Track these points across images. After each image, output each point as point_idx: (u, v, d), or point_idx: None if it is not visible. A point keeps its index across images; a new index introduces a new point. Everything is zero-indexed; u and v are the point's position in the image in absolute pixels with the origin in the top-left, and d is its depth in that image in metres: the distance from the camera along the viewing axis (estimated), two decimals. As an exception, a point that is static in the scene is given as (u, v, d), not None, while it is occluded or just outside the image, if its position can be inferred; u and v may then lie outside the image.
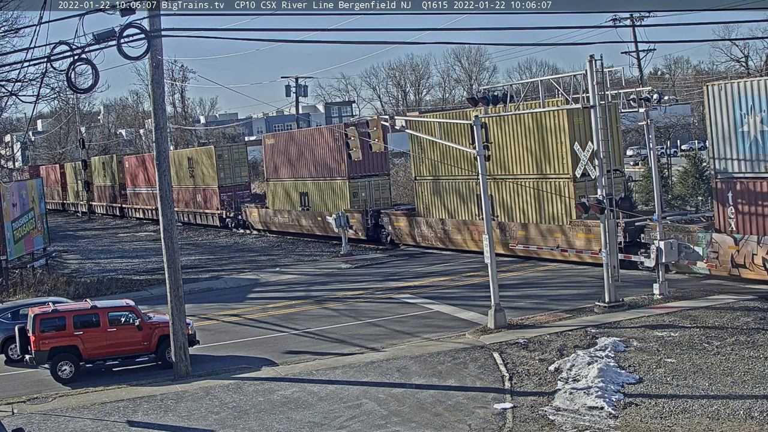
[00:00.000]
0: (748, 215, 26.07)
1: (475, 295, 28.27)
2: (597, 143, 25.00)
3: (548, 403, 17.54)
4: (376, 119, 31.10)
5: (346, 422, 17.22)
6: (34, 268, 41.08)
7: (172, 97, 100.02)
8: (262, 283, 36.17)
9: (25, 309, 24.56)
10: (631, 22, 55.70)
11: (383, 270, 36.66)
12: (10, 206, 39.48)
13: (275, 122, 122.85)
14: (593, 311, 24.50)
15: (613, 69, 28.66)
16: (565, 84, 30.00)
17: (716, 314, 22.91)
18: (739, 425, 15.48)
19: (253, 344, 24.82)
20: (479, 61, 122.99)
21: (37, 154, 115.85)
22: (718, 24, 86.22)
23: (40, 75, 33.19)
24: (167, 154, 22.04)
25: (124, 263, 46.14)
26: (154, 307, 27.71)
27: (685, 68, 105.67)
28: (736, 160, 26.37)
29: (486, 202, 24.59)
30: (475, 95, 28.80)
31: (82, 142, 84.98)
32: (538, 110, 29.56)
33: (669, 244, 25.65)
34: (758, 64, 73.57)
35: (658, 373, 18.61)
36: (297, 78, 69.78)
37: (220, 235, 57.69)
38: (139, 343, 22.71)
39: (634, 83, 56.80)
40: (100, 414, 18.86)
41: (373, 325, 25.80)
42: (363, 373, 20.47)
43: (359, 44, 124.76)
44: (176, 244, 21.94)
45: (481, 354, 21.20)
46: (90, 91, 26.37)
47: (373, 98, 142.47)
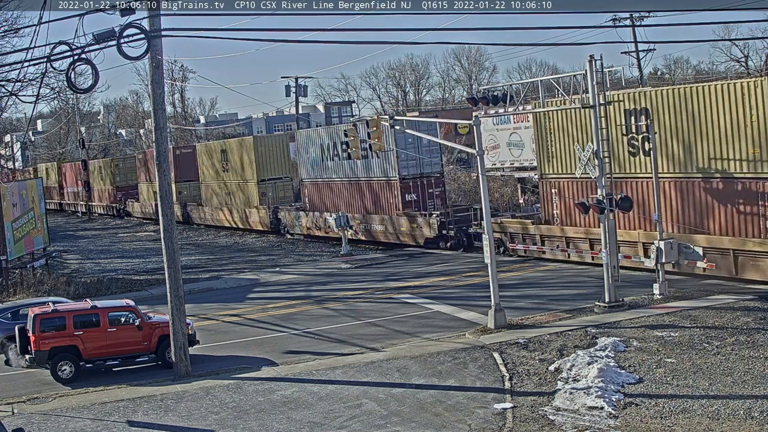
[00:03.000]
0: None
1: (475, 295, 28.27)
2: (597, 143, 25.00)
3: (548, 403, 17.54)
4: (376, 119, 31.10)
5: (346, 422, 17.23)
6: (34, 268, 41.07)
7: (172, 97, 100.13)
8: (262, 283, 36.17)
9: (25, 309, 24.56)
10: (631, 22, 55.69)
11: (383, 270, 36.66)
12: (10, 206, 39.47)
13: (275, 122, 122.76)
14: (593, 311, 24.50)
15: (613, 69, 28.71)
16: (565, 84, 30.04)
17: (716, 314, 22.91)
18: (739, 425, 15.49)
19: (253, 344, 24.82)
20: (479, 61, 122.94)
21: (37, 154, 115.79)
22: (718, 24, 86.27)
23: (40, 75, 33.21)
24: (167, 154, 22.07)
25: (124, 263, 46.15)
26: (154, 307, 27.70)
27: (685, 68, 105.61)
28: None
29: (486, 201, 24.57)
30: (475, 95, 28.81)
31: (82, 142, 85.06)
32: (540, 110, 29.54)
33: (669, 244, 25.67)
34: (758, 64, 73.60)
35: (658, 373, 18.61)
36: (297, 78, 69.74)
37: (220, 235, 57.70)
38: (139, 343, 22.70)
39: (634, 83, 56.83)
40: (100, 414, 18.87)
41: (373, 325, 25.81)
42: (363, 373, 20.47)
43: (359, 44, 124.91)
44: (176, 244, 21.94)
45: (481, 354, 21.20)
46: (90, 91, 26.39)
47: (373, 98, 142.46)
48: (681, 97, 27.58)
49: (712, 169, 26.93)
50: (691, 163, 27.57)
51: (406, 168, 41.30)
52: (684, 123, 27.54)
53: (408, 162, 41.07)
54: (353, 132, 33.74)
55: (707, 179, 27.18)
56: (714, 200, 27.01)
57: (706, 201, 27.28)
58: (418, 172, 41.57)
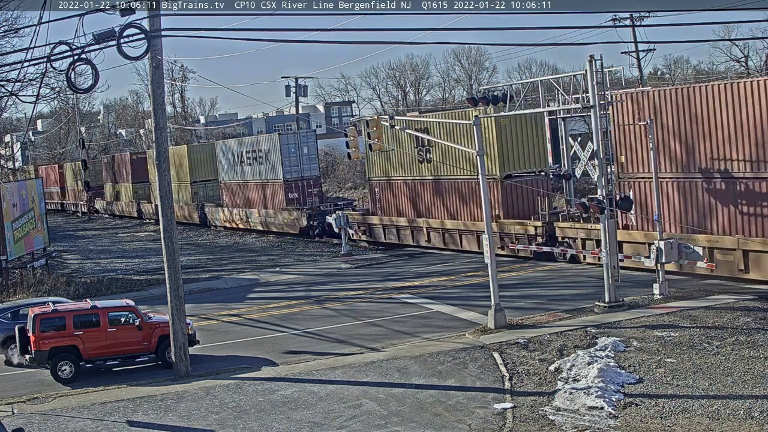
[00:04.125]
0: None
1: (475, 295, 28.27)
2: (597, 143, 25.01)
3: (548, 403, 17.54)
4: (376, 119, 31.12)
5: (346, 422, 17.23)
6: (34, 268, 41.07)
7: (172, 97, 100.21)
8: (262, 283, 36.17)
9: (25, 309, 24.54)
10: (631, 22, 55.67)
11: (383, 270, 36.66)
12: (10, 206, 39.48)
13: (275, 122, 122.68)
14: (593, 311, 24.49)
15: (613, 69, 28.72)
16: (565, 84, 30.04)
17: (716, 314, 22.91)
18: (739, 425, 15.49)
19: (253, 344, 24.81)
20: (479, 61, 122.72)
21: (37, 154, 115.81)
22: (718, 24, 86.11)
23: (40, 75, 33.24)
24: (167, 154, 22.04)
25: (124, 263, 46.16)
26: (154, 307, 27.69)
27: (685, 68, 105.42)
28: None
29: (486, 201, 24.57)
30: (475, 95, 28.83)
31: (82, 142, 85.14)
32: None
33: (669, 244, 25.67)
34: (758, 64, 73.58)
35: (658, 373, 18.61)
36: (297, 78, 69.74)
37: (220, 234, 57.74)
38: (139, 343, 22.70)
39: (634, 83, 56.84)
40: (100, 414, 18.87)
41: (373, 325, 25.80)
42: (363, 373, 20.47)
43: (359, 44, 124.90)
44: (176, 244, 21.94)
45: (481, 354, 21.20)
46: (90, 91, 26.38)
47: (373, 98, 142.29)
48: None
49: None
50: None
51: (290, 172, 52.01)
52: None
53: (291, 168, 52.00)
54: (353, 132, 33.76)
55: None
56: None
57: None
58: (299, 175, 52.13)
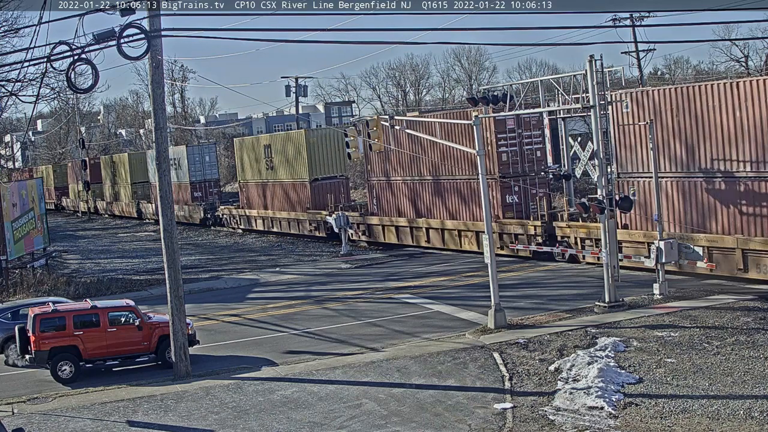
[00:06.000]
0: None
1: (475, 295, 28.27)
2: (597, 143, 25.00)
3: (548, 403, 17.53)
4: (376, 119, 31.10)
5: (346, 422, 17.22)
6: (34, 268, 41.07)
7: (172, 97, 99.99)
8: (261, 283, 36.17)
9: (25, 309, 24.54)
10: (631, 22, 55.63)
11: (383, 270, 36.66)
12: (10, 206, 39.48)
13: (275, 122, 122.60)
14: (593, 311, 24.49)
15: (613, 69, 28.69)
16: (565, 84, 30.02)
17: (716, 314, 22.91)
18: (739, 425, 15.48)
19: (253, 344, 24.81)
20: (479, 61, 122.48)
21: (37, 154, 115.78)
22: (718, 24, 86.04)
23: (40, 75, 33.17)
24: (167, 154, 22.04)
25: (124, 263, 46.16)
26: (154, 307, 27.69)
27: (685, 68, 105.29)
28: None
29: (486, 201, 24.57)
30: (475, 95, 28.82)
31: (82, 142, 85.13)
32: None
33: (669, 244, 25.67)
34: (758, 64, 73.50)
35: (658, 373, 18.61)
36: (297, 78, 69.68)
37: (220, 234, 57.75)
38: (139, 343, 22.69)
39: (634, 83, 56.81)
40: (100, 414, 18.87)
41: (373, 325, 25.80)
42: (363, 373, 20.46)
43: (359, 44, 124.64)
44: (176, 244, 21.93)
45: (481, 354, 21.19)
46: (90, 91, 26.38)
47: (373, 98, 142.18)
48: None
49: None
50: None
51: (195, 175, 64.21)
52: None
53: (196, 171, 64.25)
54: (354, 132, 33.71)
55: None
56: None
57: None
58: (202, 178, 64.53)
